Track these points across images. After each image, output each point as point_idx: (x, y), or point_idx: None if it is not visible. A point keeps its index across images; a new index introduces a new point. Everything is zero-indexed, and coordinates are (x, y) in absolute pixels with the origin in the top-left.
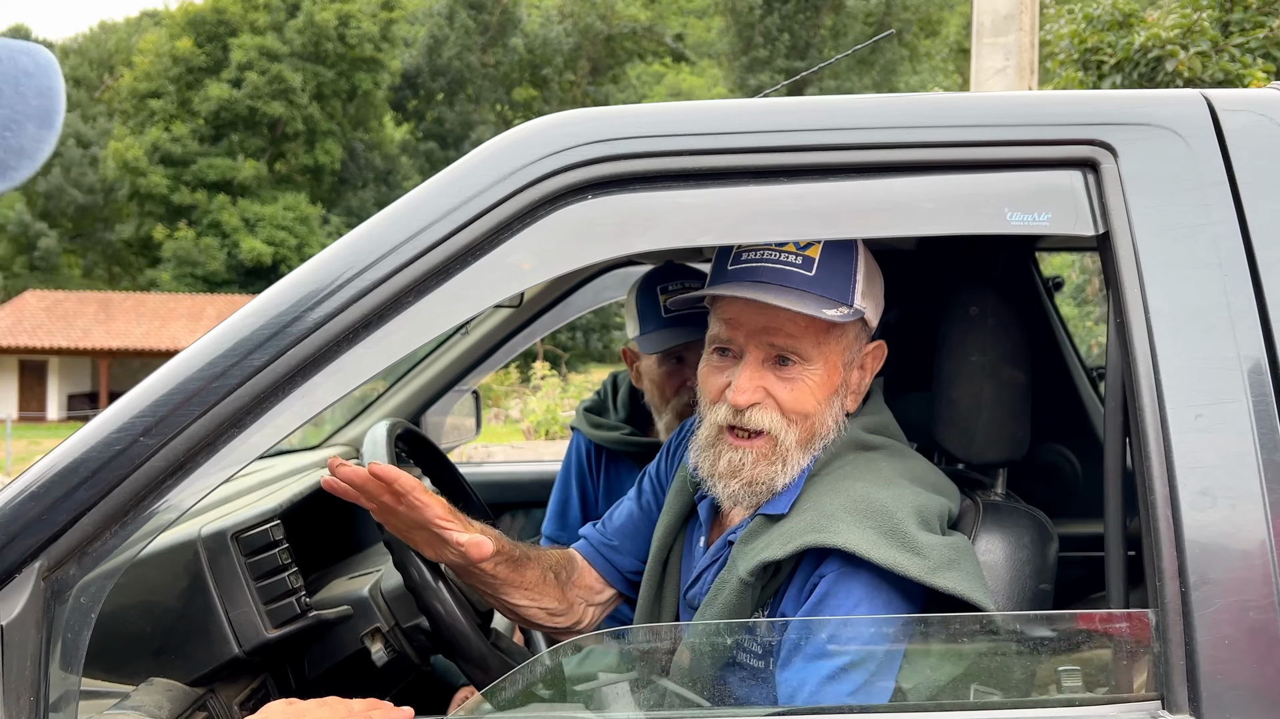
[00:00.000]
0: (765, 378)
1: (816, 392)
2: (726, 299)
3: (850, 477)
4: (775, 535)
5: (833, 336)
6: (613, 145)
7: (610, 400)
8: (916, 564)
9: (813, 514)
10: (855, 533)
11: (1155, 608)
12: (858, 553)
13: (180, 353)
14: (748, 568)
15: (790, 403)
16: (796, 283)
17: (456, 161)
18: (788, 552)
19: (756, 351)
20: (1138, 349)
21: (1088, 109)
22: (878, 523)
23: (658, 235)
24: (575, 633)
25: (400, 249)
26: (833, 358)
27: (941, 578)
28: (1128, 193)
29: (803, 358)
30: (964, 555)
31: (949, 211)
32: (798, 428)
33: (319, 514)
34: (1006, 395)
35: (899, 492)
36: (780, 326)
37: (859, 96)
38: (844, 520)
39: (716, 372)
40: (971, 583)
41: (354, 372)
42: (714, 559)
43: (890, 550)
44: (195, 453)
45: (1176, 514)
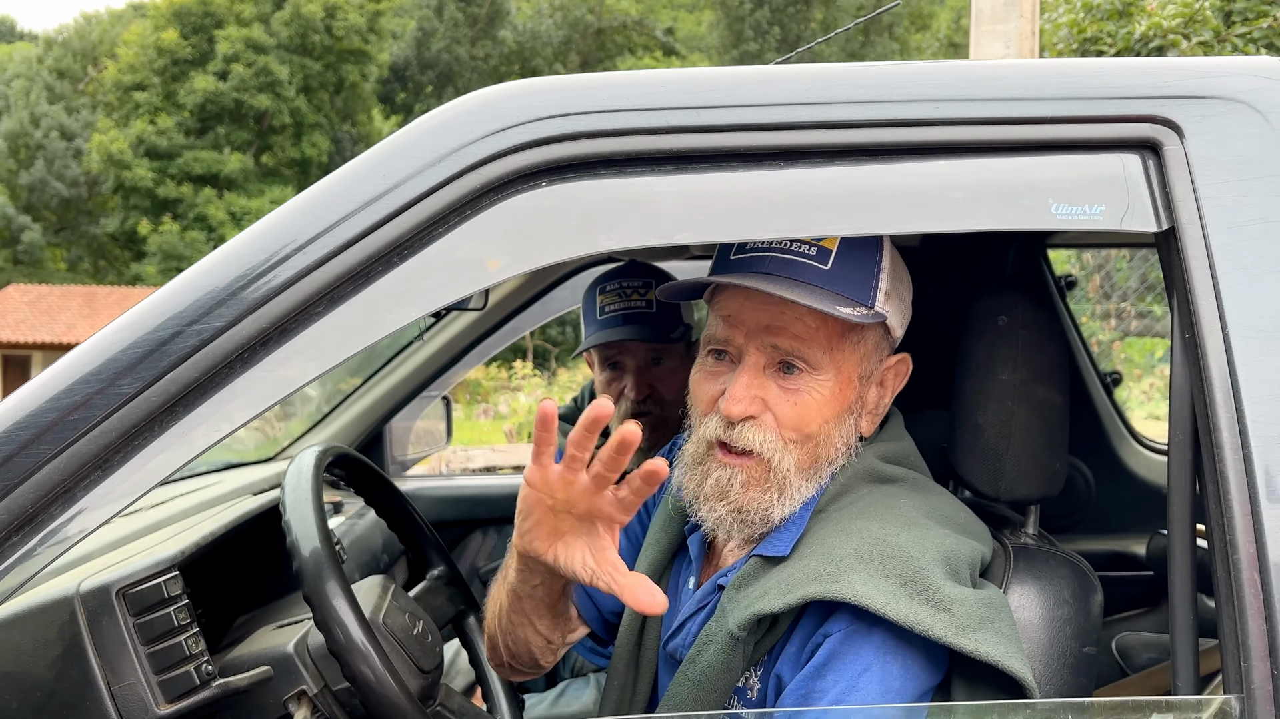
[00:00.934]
0: (765, 387)
1: (824, 407)
2: (726, 293)
3: (864, 514)
4: (773, 582)
5: (849, 342)
6: (573, 121)
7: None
8: (942, 622)
9: (818, 559)
10: (869, 583)
11: (1240, 694)
12: (871, 607)
13: (34, 378)
14: (738, 620)
15: (791, 419)
16: (809, 277)
17: (382, 140)
18: (786, 604)
19: (757, 355)
20: (1213, 369)
21: (1147, 80)
22: (896, 571)
23: (626, 231)
24: (538, 673)
25: (309, 247)
26: (847, 368)
27: (971, 639)
28: (1197, 180)
29: (811, 365)
30: (999, 613)
31: (982, 203)
32: (796, 450)
33: (247, 547)
34: (1041, 420)
35: (922, 534)
36: (787, 326)
37: (873, 64)
38: (856, 568)
39: (710, 378)
40: (1007, 647)
41: (249, 399)
42: (700, 605)
43: (910, 604)
44: (48, 503)
45: (1265, 575)
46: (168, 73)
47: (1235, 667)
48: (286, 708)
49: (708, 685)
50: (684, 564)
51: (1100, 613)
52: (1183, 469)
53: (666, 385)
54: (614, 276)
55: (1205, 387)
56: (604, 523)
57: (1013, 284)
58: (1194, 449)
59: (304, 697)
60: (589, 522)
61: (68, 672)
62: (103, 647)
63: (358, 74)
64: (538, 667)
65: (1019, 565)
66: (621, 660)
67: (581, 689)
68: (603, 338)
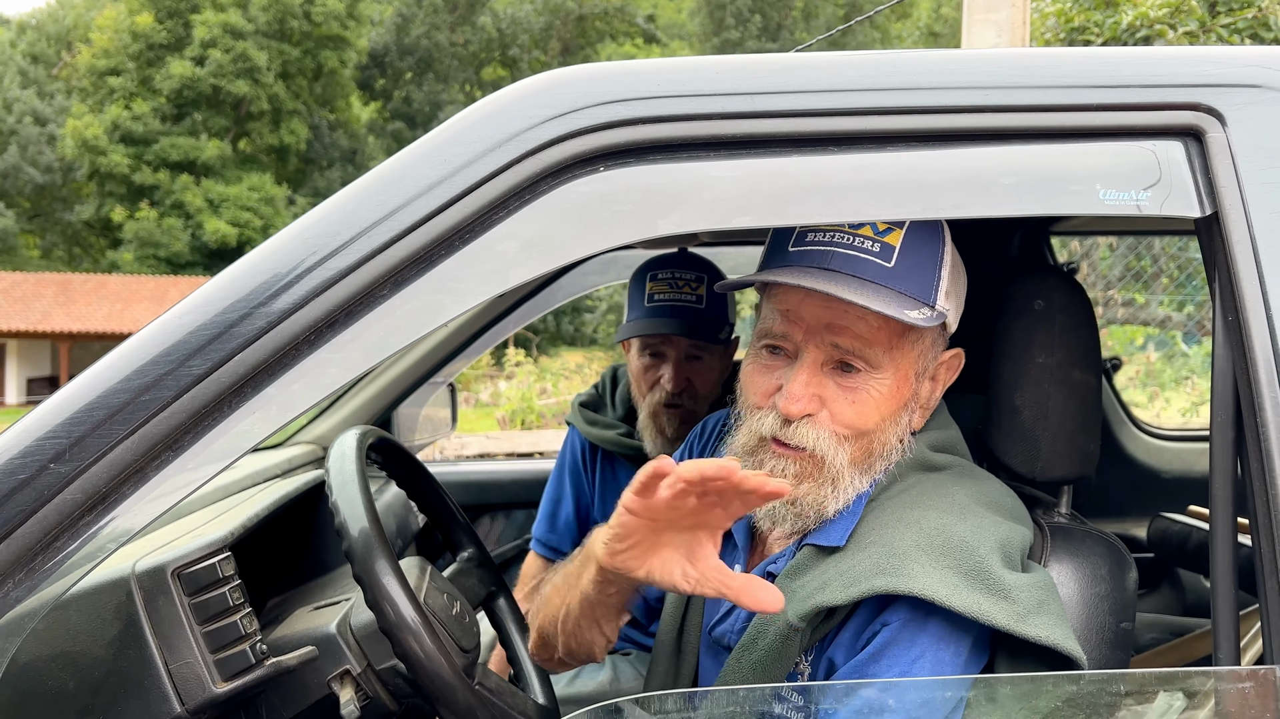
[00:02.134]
0: (823, 385)
1: (882, 406)
2: (784, 286)
3: (918, 504)
4: (833, 574)
5: (908, 341)
6: (630, 107)
7: (609, 396)
8: (1005, 610)
9: (880, 551)
10: (933, 575)
11: None
12: (937, 600)
13: (102, 359)
14: (799, 612)
15: (849, 418)
16: (873, 274)
17: (441, 124)
18: (850, 597)
19: (816, 353)
20: (1257, 350)
21: (1189, 68)
22: (958, 562)
23: (684, 215)
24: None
25: (372, 231)
26: (905, 367)
27: (1033, 626)
28: (1240, 167)
29: (871, 365)
30: (1051, 594)
31: (1033, 188)
32: (850, 446)
33: (275, 531)
34: (1076, 402)
35: (979, 523)
36: (849, 326)
37: (926, 51)
38: (919, 561)
39: (764, 371)
40: (1064, 629)
41: (316, 381)
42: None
43: (974, 595)
44: (120, 483)
45: None
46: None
47: None
48: (330, 687)
49: (763, 672)
50: (728, 550)
51: (1135, 589)
52: (1224, 449)
53: (702, 380)
54: (667, 264)
55: (1250, 368)
56: (707, 532)
57: (1049, 268)
58: (1236, 429)
59: (348, 676)
60: (691, 532)
61: (125, 651)
62: (160, 626)
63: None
64: (593, 659)
65: (1056, 544)
66: (665, 646)
67: (597, 670)
68: (650, 327)
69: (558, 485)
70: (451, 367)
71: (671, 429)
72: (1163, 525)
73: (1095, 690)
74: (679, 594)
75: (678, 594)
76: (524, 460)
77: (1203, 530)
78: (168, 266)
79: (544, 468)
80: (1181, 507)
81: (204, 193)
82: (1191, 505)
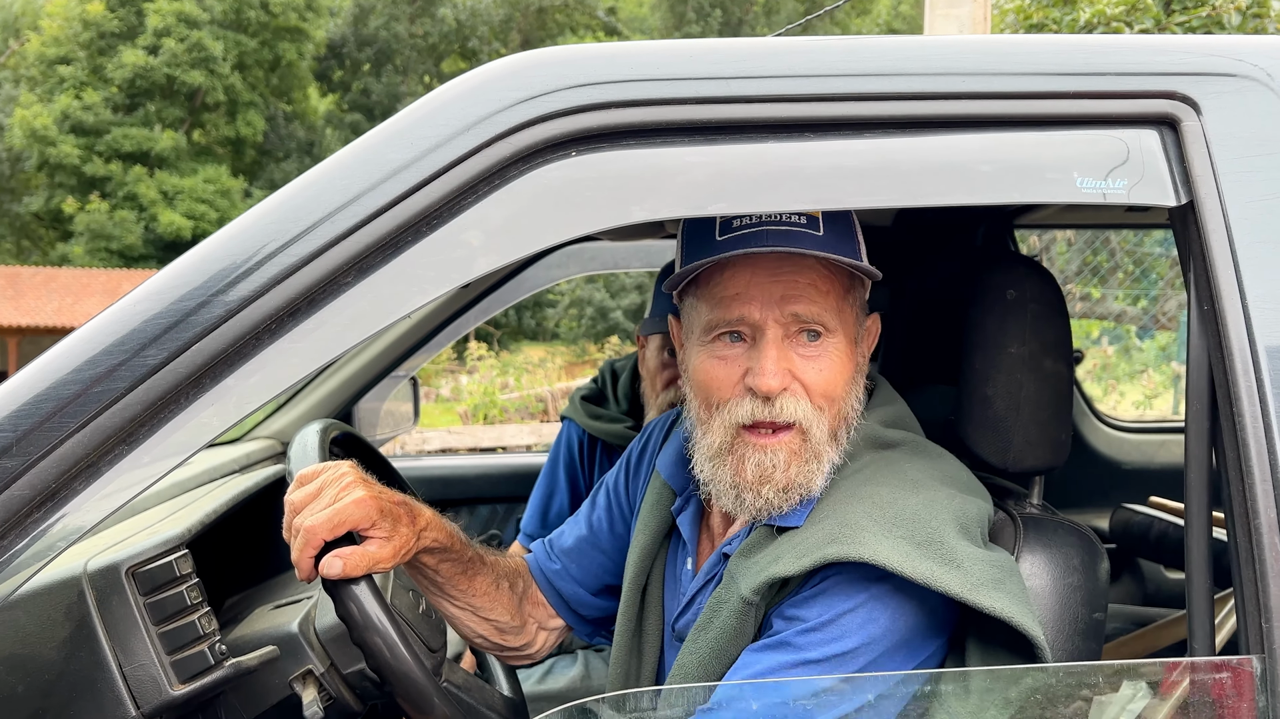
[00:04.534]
0: (789, 358)
1: (844, 369)
2: (727, 275)
3: (872, 480)
4: (785, 547)
5: (849, 303)
6: (604, 90)
7: (610, 390)
8: (957, 579)
9: (832, 523)
10: (884, 543)
11: (1260, 654)
12: (888, 566)
13: (51, 349)
14: (752, 585)
15: (820, 385)
16: (809, 245)
17: (408, 107)
18: (803, 567)
19: (777, 327)
20: (1233, 339)
21: (1164, 57)
22: (910, 532)
23: (659, 202)
24: (525, 657)
25: (336, 216)
26: (850, 328)
27: (986, 596)
28: (1215, 156)
29: (828, 329)
30: (1010, 575)
31: (1010, 175)
32: (827, 415)
33: (233, 528)
34: (1049, 392)
35: (931, 495)
36: (802, 293)
37: (901, 37)
38: (870, 529)
39: (724, 363)
40: (1021, 606)
41: (277, 371)
42: (708, 577)
43: (926, 562)
44: (71, 478)
45: None
46: (94, 46)
47: (1256, 627)
48: (292, 688)
49: (720, 653)
50: (678, 547)
51: (1108, 580)
52: (1200, 438)
53: None
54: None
55: (1225, 356)
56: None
57: (1021, 258)
58: (1211, 418)
59: (310, 676)
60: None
61: (77, 653)
62: (113, 627)
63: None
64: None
65: (1029, 535)
66: (622, 646)
67: (569, 665)
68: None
69: (550, 480)
70: (413, 360)
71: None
72: (1125, 516)
73: (1074, 683)
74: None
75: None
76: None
77: (1164, 521)
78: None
79: (507, 462)
80: (1142, 497)
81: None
82: (1153, 496)
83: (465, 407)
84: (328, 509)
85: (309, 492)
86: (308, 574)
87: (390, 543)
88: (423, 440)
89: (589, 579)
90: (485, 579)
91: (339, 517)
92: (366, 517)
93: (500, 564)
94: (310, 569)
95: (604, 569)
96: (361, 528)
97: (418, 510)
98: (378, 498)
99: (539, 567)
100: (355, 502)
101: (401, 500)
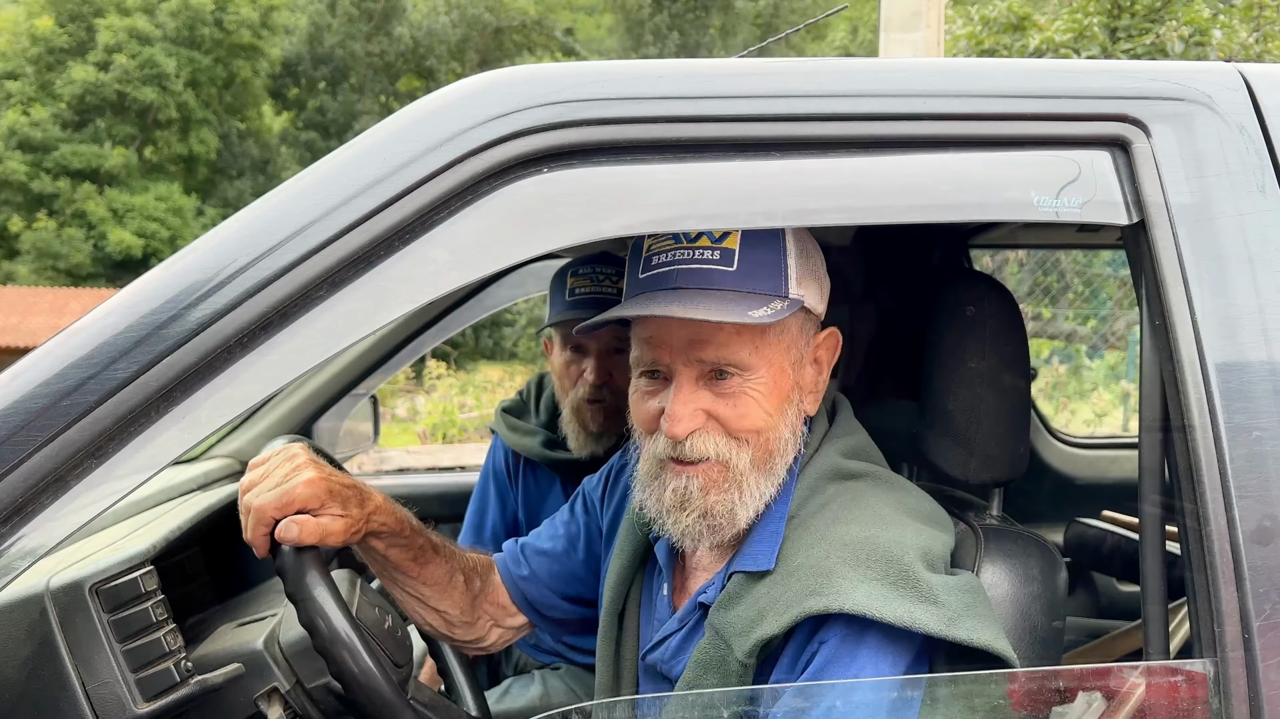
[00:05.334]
0: (701, 398)
1: (765, 402)
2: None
3: (839, 519)
4: (766, 602)
5: (772, 336)
6: (575, 108)
7: (533, 402)
8: (935, 616)
9: (807, 573)
10: (861, 589)
11: (1213, 658)
12: (868, 614)
13: (18, 362)
14: (745, 649)
15: (736, 421)
16: (719, 282)
17: (381, 122)
18: (784, 624)
19: (687, 370)
20: (1183, 353)
21: (1115, 81)
22: (884, 572)
23: (629, 218)
24: (478, 649)
25: (309, 230)
26: (777, 359)
27: (964, 629)
28: (1164, 176)
29: (741, 368)
30: (978, 597)
31: (970, 194)
32: (750, 448)
33: (194, 547)
34: (1008, 406)
35: (900, 532)
36: (709, 338)
37: (869, 60)
38: (845, 576)
39: (647, 397)
40: (994, 630)
41: (248, 385)
42: (682, 623)
43: (904, 604)
44: (38, 492)
45: (1235, 547)
46: (42, 62)
47: (1209, 632)
48: (257, 705)
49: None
50: (654, 572)
51: (1065, 589)
52: (1153, 450)
53: (624, 376)
54: (588, 262)
55: (1176, 369)
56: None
57: (980, 275)
58: (1164, 430)
59: (276, 693)
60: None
61: (39, 671)
62: (76, 645)
63: (249, 69)
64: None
65: (990, 546)
66: (604, 673)
67: (526, 685)
68: (572, 316)
69: (482, 495)
70: (372, 379)
71: (595, 424)
72: (1079, 530)
73: (1035, 688)
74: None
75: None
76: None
77: (1117, 535)
78: (68, 278)
79: (467, 481)
80: (1095, 512)
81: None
82: (1106, 511)
83: (424, 426)
84: (277, 489)
85: (260, 472)
86: (263, 551)
87: (341, 519)
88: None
89: (559, 584)
90: (437, 569)
91: (288, 495)
92: (315, 496)
93: (459, 558)
94: (265, 545)
95: (574, 577)
96: (310, 507)
97: (368, 494)
98: (327, 479)
99: (506, 567)
100: (306, 482)
101: (351, 484)
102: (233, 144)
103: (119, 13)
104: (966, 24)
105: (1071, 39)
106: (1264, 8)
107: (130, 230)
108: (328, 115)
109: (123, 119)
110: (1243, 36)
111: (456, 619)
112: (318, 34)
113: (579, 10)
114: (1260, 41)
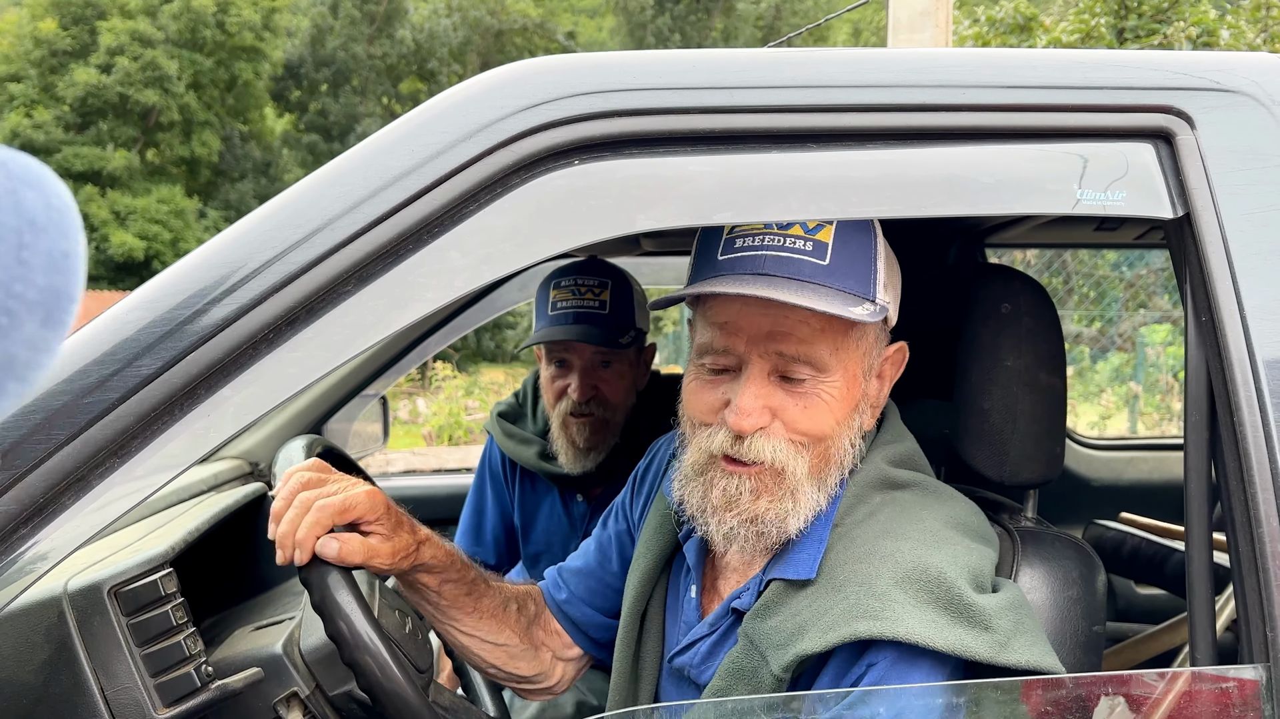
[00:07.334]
0: (772, 394)
1: (835, 409)
2: (719, 298)
3: (888, 533)
4: (808, 615)
5: (852, 340)
6: (607, 99)
7: (529, 405)
8: (987, 642)
9: (857, 590)
10: (915, 616)
11: (1265, 663)
12: (920, 643)
13: None
14: (782, 663)
15: (804, 424)
16: (810, 274)
17: (408, 113)
18: (830, 642)
19: (761, 363)
20: (1231, 349)
21: (1159, 73)
22: (937, 596)
23: (663, 211)
24: (544, 690)
25: (336, 223)
26: (852, 366)
27: (1014, 653)
28: (1210, 169)
29: (818, 368)
30: (1025, 613)
31: (1013, 187)
32: (809, 454)
33: (209, 548)
34: (1044, 405)
35: (952, 551)
36: (791, 330)
37: (908, 50)
38: (899, 601)
39: (708, 387)
40: (1042, 648)
41: (275, 382)
42: (713, 628)
43: (955, 630)
44: (60, 492)
45: None
46: (45, 64)
47: (1260, 636)
48: (276, 710)
49: None
50: (682, 571)
51: (1105, 592)
52: (1199, 450)
53: (611, 388)
54: (570, 272)
55: (1225, 367)
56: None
57: (1014, 272)
58: (1211, 429)
59: (295, 699)
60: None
61: (57, 676)
62: (95, 649)
63: (251, 71)
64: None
65: (1027, 550)
66: (621, 675)
67: None
68: (551, 334)
69: (478, 497)
70: (382, 380)
71: (582, 439)
72: (1097, 533)
73: (1080, 694)
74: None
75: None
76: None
77: (1136, 537)
78: None
79: None
80: (1112, 514)
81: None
82: (1124, 513)
83: (430, 428)
84: (339, 495)
85: (318, 478)
86: (307, 555)
87: (389, 542)
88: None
89: (599, 601)
90: (491, 601)
91: (351, 501)
92: (373, 509)
93: (507, 588)
94: (311, 550)
95: (612, 589)
96: (367, 520)
97: (417, 524)
98: (385, 498)
99: (549, 594)
100: (366, 492)
101: (402, 510)
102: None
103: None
104: (973, 25)
105: (1078, 39)
106: (1271, 8)
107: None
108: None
109: (125, 121)
110: (1250, 37)
111: (518, 650)
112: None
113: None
114: (1268, 42)
